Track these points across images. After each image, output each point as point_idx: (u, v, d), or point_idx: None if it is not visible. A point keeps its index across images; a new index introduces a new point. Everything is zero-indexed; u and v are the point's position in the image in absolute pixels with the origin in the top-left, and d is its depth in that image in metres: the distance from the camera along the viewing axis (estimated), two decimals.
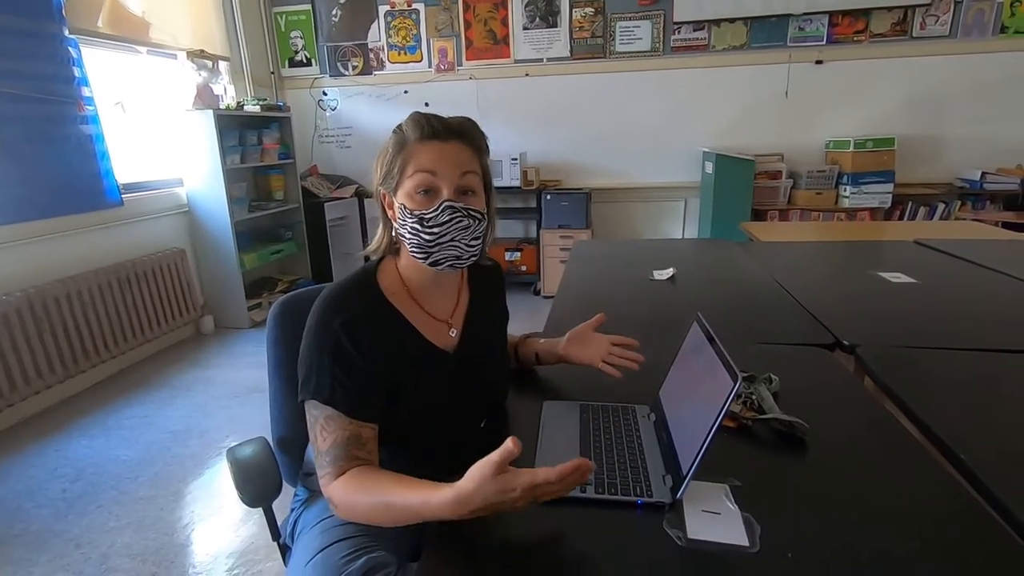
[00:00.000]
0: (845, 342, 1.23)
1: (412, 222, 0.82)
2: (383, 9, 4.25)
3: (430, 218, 0.81)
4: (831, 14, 3.80)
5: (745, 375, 1.00)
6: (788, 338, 1.29)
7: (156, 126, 3.48)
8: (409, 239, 0.83)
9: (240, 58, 4.09)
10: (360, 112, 4.52)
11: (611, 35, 4.03)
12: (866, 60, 3.88)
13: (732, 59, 3.99)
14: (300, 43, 4.43)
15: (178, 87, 3.51)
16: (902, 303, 1.52)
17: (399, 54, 4.32)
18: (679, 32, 3.97)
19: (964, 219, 3.73)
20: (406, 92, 4.39)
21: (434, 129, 0.82)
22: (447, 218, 0.81)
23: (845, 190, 3.82)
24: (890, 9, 3.75)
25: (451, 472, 0.95)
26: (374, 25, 4.30)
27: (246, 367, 3.20)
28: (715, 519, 0.67)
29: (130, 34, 3.21)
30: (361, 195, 4.50)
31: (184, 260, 3.47)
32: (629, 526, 0.68)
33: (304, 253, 4.27)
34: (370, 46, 4.35)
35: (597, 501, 0.71)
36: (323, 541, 0.83)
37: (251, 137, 3.77)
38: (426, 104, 4.34)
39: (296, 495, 1.00)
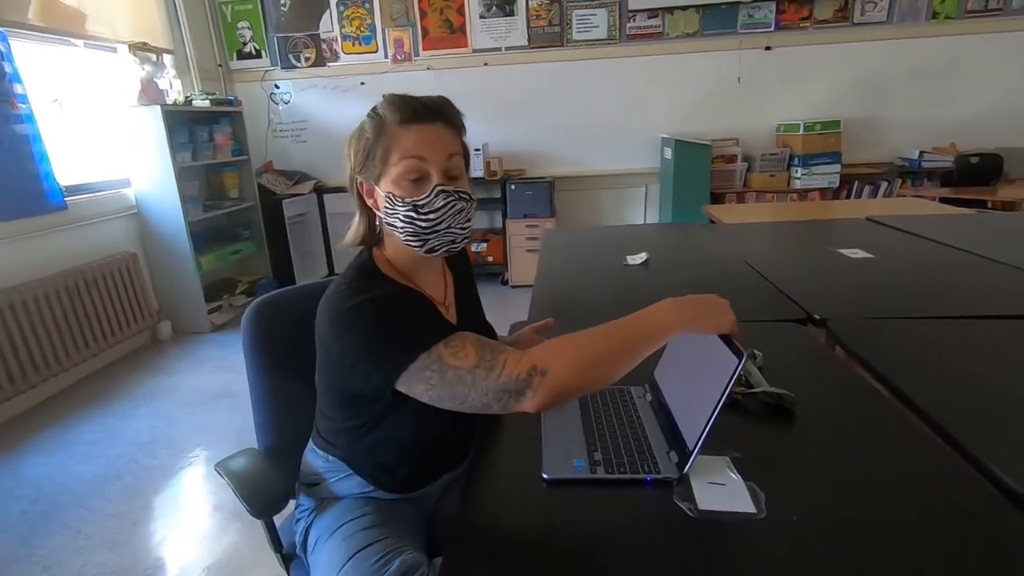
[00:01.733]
0: (816, 316, 1.29)
1: (405, 210, 0.79)
2: None
3: (424, 204, 0.78)
4: (778, 1, 3.93)
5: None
6: (762, 315, 1.34)
7: (99, 124, 3.30)
8: (403, 227, 0.80)
9: (185, 51, 3.90)
10: (315, 105, 4.39)
11: (568, 23, 4.05)
12: (812, 46, 4.03)
13: (686, 46, 4.07)
14: (248, 34, 4.27)
15: (120, 82, 3.33)
16: (863, 277, 1.61)
17: (353, 45, 4.22)
18: (634, 20, 4.03)
19: (905, 196, 3.95)
20: (363, 84, 4.29)
21: (416, 111, 0.79)
22: (442, 203, 0.79)
23: (797, 172, 3.98)
24: None
25: (464, 453, 0.97)
26: (326, 15, 4.18)
27: (210, 372, 3.09)
28: (721, 490, 0.70)
29: (64, 26, 3.01)
30: (320, 191, 4.39)
31: (136, 264, 3.31)
32: (641, 503, 0.70)
33: (264, 252, 4.14)
34: (323, 37, 4.23)
35: (608, 481, 0.73)
36: (349, 548, 0.81)
37: (202, 133, 3.61)
38: (384, 96, 4.25)
39: (300, 505, 0.97)
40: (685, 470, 0.72)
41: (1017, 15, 3.92)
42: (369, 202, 0.85)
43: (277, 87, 4.38)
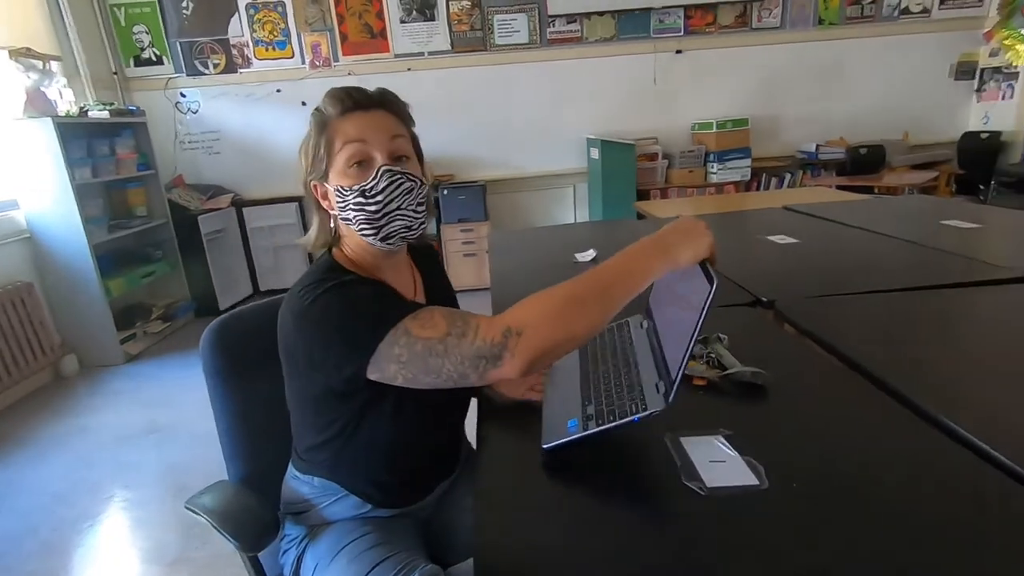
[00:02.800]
0: (763, 299, 1.38)
1: (354, 198, 0.77)
2: (243, 1, 3.92)
3: (371, 187, 0.77)
4: (686, 7, 4.17)
5: (699, 337, 1.09)
6: (713, 301, 1.42)
7: None
8: (355, 217, 0.78)
9: (74, 57, 3.55)
10: (227, 114, 4.15)
11: (490, 28, 4.09)
12: (717, 49, 4.32)
13: (604, 50, 4.23)
14: (146, 39, 3.96)
15: (1, 92, 2.98)
16: (794, 260, 1.74)
17: (267, 50, 4.03)
18: (554, 25, 4.13)
19: (808, 186, 4.31)
20: (279, 91, 4.10)
21: (355, 100, 0.78)
22: (387, 182, 0.77)
23: (713, 167, 4.24)
24: (733, 3, 4.20)
25: (454, 460, 0.95)
26: (234, 19, 3.96)
27: (128, 406, 2.84)
28: (723, 466, 0.73)
29: None
30: (239, 204, 4.15)
31: (31, 294, 2.98)
32: (655, 489, 0.72)
33: (179, 273, 3.85)
34: (232, 41, 4.00)
35: (600, 434, 0.75)
36: (361, 568, 0.78)
37: (101, 147, 3.31)
38: (303, 103, 4.10)
39: (286, 535, 0.91)
40: (669, 401, 0.73)
41: (887, 21, 4.40)
42: (325, 204, 0.83)
43: (183, 95, 4.09)
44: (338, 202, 0.79)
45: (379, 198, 0.77)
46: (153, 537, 1.87)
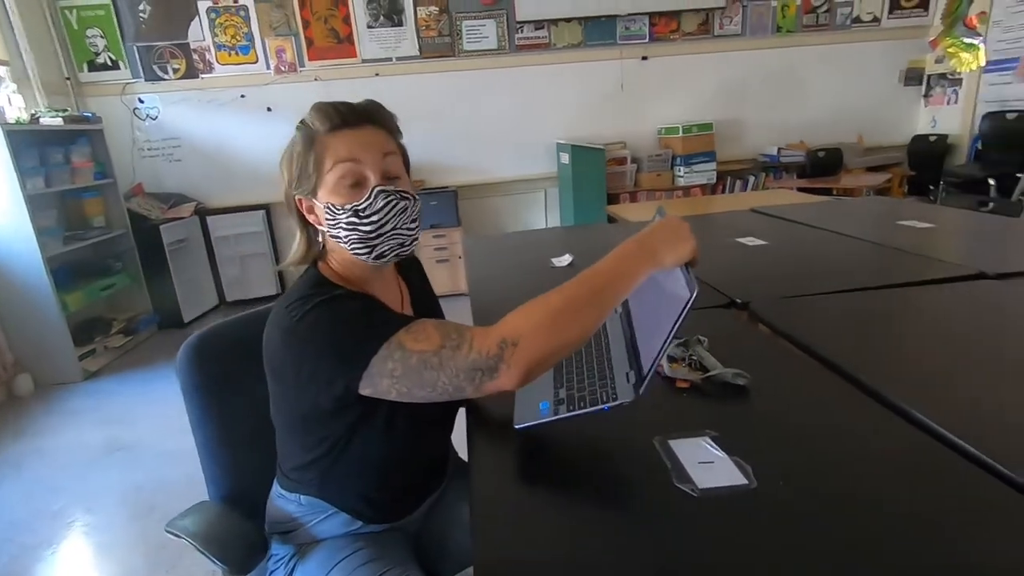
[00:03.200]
0: (738, 300, 1.41)
1: (347, 217, 0.76)
2: (204, 5, 3.82)
3: (365, 207, 0.76)
4: (650, 15, 4.26)
5: (680, 340, 1.11)
6: (692, 307, 1.44)
7: None
8: (347, 235, 0.77)
9: (23, 61, 3.40)
10: (188, 120, 4.03)
11: (458, 34, 4.08)
12: (681, 56, 4.42)
13: (572, 56, 4.28)
14: (101, 43, 3.82)
15: None
16: (765, 262, 1.79)
17: (229, 55, 3.93)
18: (522, 31, 4.16)
19: (770, 188, 4.44)
20: (243, 96, 4.01)
21: (344, 117, 0.77)
22: (382, 203, 0.76)
23: (680, 171, 4.33)
24: (696, 11, 4.31)
25: (443, 472, 0.94)
26: (194, 23, 3.85)
27: (88, 425, 2.72)
28: (712, 467, 0.75)
29: None
30: (202, 213, 4.04)
31: None
32: (649, 492, 0.73)
33: (141, 284, 3.72)
34: (193, 46, 3.90)
35: (570, 419, 0.77)
36: None
37: (55, 155, 3.17)
38: (268, 109, 4.02)
39: (273, 555, 0.88)
40: (640, 392, 0.75)
41: (840, 29, 4.58)
42: (311, 218, 0.82)
43: (141, 101, 3.96)
44: (328, 219, 0.78)
45: (374, 219, 0.76)
46: (119, 562, 1.79)
